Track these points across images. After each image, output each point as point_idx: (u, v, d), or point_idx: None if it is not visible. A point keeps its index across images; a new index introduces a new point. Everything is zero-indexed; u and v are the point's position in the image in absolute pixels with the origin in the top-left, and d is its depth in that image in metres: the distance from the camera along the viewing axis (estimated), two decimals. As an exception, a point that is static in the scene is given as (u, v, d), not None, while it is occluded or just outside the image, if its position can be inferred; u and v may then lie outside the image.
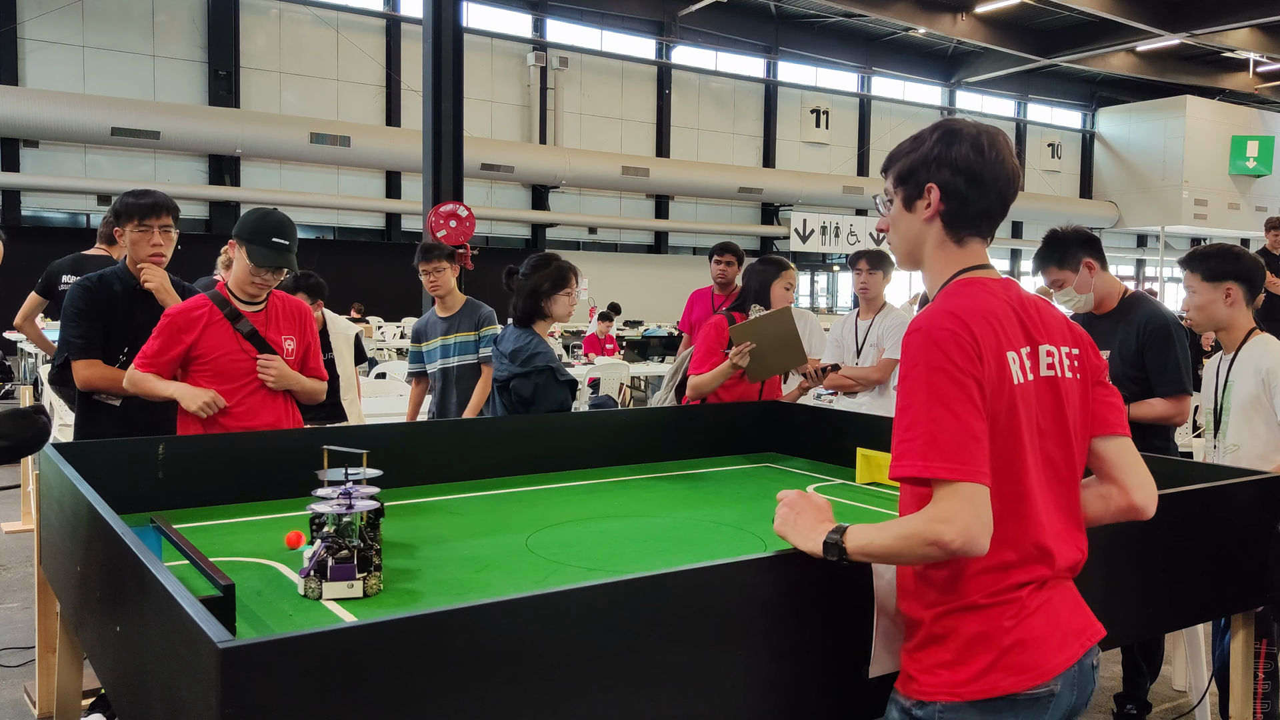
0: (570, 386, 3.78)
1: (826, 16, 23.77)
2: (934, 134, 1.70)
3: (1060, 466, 1.68)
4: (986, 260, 1.73)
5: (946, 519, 1.48)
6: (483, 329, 5.01)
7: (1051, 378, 1.67)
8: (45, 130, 15.96)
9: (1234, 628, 2.73)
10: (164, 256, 3.60)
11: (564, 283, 3.83)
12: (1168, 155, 28.90)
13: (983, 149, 1.67)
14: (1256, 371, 3.11)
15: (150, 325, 3.43)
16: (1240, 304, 3.20)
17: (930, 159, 1.68)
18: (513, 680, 1.47)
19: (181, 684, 1.45)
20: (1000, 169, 1.68)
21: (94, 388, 3.51)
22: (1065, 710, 1.64)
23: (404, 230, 20.15)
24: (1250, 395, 3.12)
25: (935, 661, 1.63)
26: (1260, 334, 3.20)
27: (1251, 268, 3.22)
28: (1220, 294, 3.19)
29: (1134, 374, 3.49)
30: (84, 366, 3.48)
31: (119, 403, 3.54)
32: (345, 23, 19.42)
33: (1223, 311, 3.20)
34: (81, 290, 3.55)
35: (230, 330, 3.34)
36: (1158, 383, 3.46)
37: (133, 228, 3.54)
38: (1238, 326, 3.21)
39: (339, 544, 2.12)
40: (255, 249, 3.32)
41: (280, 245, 3.35)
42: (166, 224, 3.58)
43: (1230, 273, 3.19)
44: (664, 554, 2.56)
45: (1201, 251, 3.28)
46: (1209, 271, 3.21)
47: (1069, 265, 3.56)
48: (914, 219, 1.73)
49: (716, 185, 23.06)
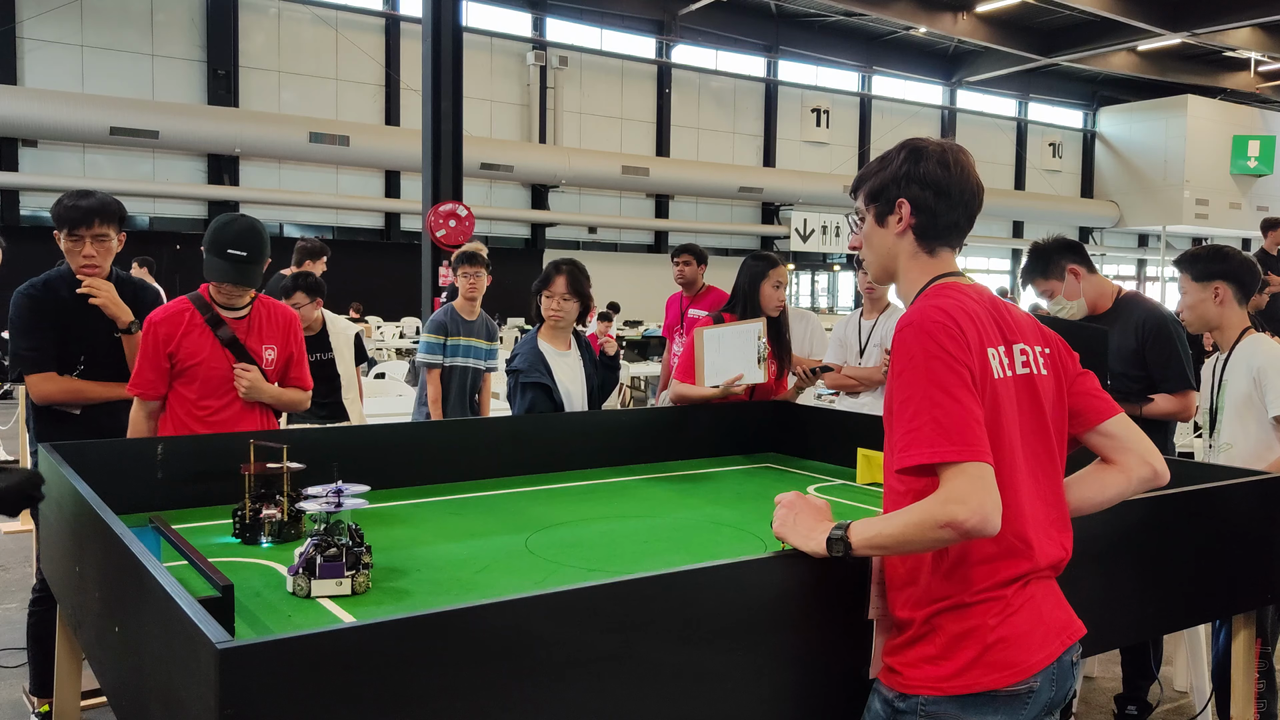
0: (544, 391, 3.78)
1: (827, 15, 23.76)
2: (900, 153, 1.80)
3: (1042, 460, 1.73)
4: (958, 269, 1.81)
5: (959, 499, 1.51)
6: (493, 342, 5.51)
7: (1028, 375, 1.73)
8: (44, 130, 15.95)
9: (1234, 628, 2.73)
10: (99, 268, 3.33)
11: (545, 283, 3.93)
12: (1169, 155, 28.90)
13: (948, 164, 1.76)
14: (1248, 370, 3.13)
15: (107, 327, 3.32)
16: (1230, 303, 3.21)
17: (899, 176, 1.78)
18: (512, 680, 1.47)
19: (180, 684, 1.45)
20: (965, 183, 1.77)
21: (53, 402, 3.31)
22: (1044, 705, 1.68)
23: (403, 230, 20.15)
24: (1243, 394, 3.13)
25: (919, 656, 1.67)
26: (1254, 333, 3.21)
27: (1240, 267, 3.23)
28: (1209, 294, 3.22)
29: (1135, 373, 3.49)
30: (41, 381, 3.27)
31: (79, 411, 3.35)
32: (344, 22, 19.42)
33: (1213, 310, 3.22)
34: (27, 300, 3.30)
35: (211, 336, 3.24)
36: (1161, 380, 3.47)
37: (64, 236, 3.29)
38: (1230, 326, 3.22)
39: (327, 542, 2.13)
40: (210, 260, 3.17)
41: (236, 258, 3.15)
42: (102, 233, 3.30)
43: (1218, 272, 3.21)
44: (664, 554, 2.56)
45: (1191, 253, 3.32)
46: (1198, 272, 3.25)
47: (1054, 274, 3.62)
48: (887, 234, 1.81)
49: (716, 185, 23.05)
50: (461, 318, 5.39)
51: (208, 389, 3.26)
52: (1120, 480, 1.85)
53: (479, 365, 5.41)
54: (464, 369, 5.35)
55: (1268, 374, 3.05)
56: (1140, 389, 3.49)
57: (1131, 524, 2.30)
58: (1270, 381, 3.04)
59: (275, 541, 2.57)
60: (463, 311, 5.40)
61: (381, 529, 2.68)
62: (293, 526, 2.60)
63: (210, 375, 3.25)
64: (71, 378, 3.32)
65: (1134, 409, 3.46)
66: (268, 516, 2.58)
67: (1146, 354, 3.48)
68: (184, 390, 3.24)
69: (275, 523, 2.58)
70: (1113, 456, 1.86)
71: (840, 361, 4.98)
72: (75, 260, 3.33)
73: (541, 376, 3.78)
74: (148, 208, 17.75)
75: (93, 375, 3.35)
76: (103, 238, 3.32)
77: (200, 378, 3.24)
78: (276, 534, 2.58)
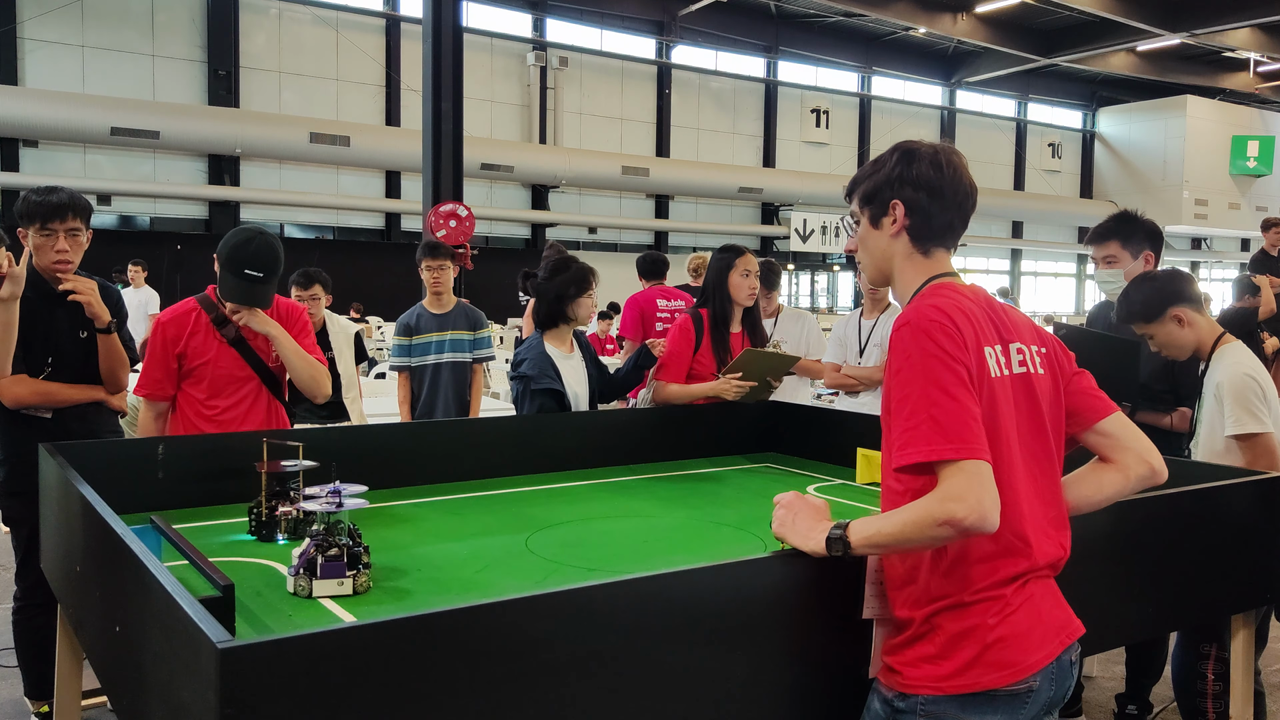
0: (554, 396, 3.72)
1: (826, 16, 23.76)
2: (893, 155, 1.81)
3: (1040, 459, 1.74)
4: (953, 269, 1.81)
5: (957, 496, 1.52)
6: (479, 330, 5.20)
7: (1025, 374, 1.73)
8: (44, 130, 15.94)
9: (1234, 628, 2.73)
10: (71, 264, 3.23)
11: (585, 285, 3.84)
12: (1168, 155, 28.89)
13: (941, 166, 1.77)
14: (1213, 384, 3.04)
15: (74, 328, 3.27)
16: (1195, 321, 3.09)
17: (893, 178, 1.79)
18: (513, 680, 1.47)
19: (181, 684, 1.45)
20: (958, 183, 1.78)
21: (26, 405, 3.24)
22: (1044, 705, 1.69)
23: (404, 230, 20.14)
24: (1211, 409, 3.05)
25: (919, 655, 1.67)
26: (1225, 344, 3.09)
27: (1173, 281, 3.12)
28: (1172, 324, 3.09)
29: (1160, 386, 3.44)
30: (12, 384, 3.18)
31: (50, 415, 3.29)
32: (345, 22, 19.41)
33: (1186, 335, 3.10)
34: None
35: (217, 336, 3.25)
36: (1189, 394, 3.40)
37: (35, 231, 3.18)
38: (1204, 341, 3.11)
39: (329, 542, 2.13)
40: (226, 278, 3.16)
41: (253, 278, 3.15)
42: (74, 227, 3.21)
43: (1164, 301, 3.09)
44: (664, 554, 2.56)
45: (1125, 309, 3.17)
46: (1148, 313, 3.12)
47: (1130, 247, 3.52)
48: (881, 235, 1.82)
49: (716, 185, 23.04)
50: (430, 313, 5.14)
51: (215, 388, 3.27)
52: (1118, 479, 1.85)
53: (463, 358, 5.11)
54: (449, 364, 5.07)
55: (1225, 391, 2.96)
56: (1169, 400, 3.45)
57: (1131, 524, 2.31)
58: (1227, 400, 2.95)
59: (291, 538, 2.57)
60: (432, 307, 5.16)
61: (381, 529, 2.69)
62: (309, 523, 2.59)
63: (217, 375, 3.26)
64: (43, 380, 3.25)
65: (1161, 419, 3.42)
66: (284, 514, 2.58)
67: (1175, 367, 3.39)
68: (192, 390, 3.26)
69: (291, 520, 2.58)
70: (1110, 455, 1.86)
71: (840, 361, 4.99)
72: (46, 256, 3.21)
73: (553, 382, 3.72)
74: (148, 208, 17.75)
75: (60, 377, 3.29)
76: (75, 232, 3.22)
77: (208, 377, 3.26)
78: (293, 531, 2.58)
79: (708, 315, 4.10)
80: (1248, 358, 3.05)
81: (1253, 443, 2.90)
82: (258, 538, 2.61)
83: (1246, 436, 2.90)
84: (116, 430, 3.53)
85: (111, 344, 3.29)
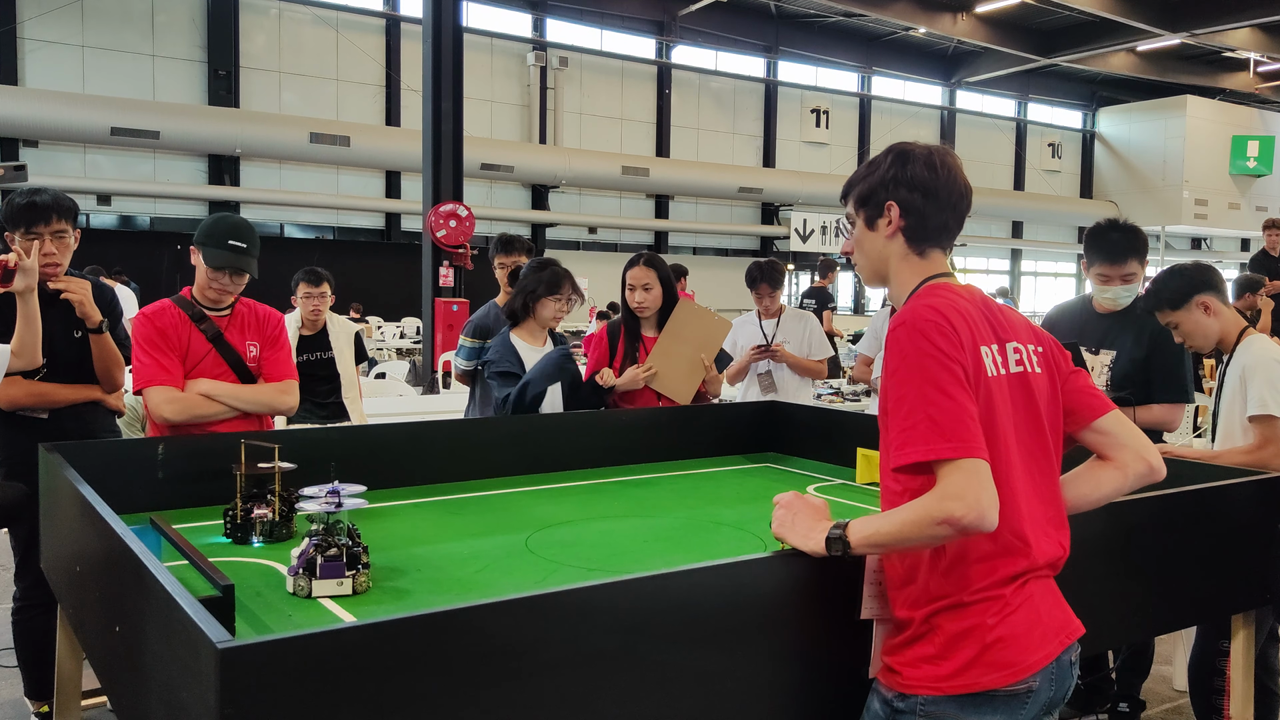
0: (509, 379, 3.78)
1: (826, 16, 23.76)
2: (888, 157, 1.81)
3: (1038, 458, 1.74)
4: (948, 269, 1.81)
5: (956, 495, 1.52)
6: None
7: (1022, 373, 1.73)
8: (45, 130, 15.95)
9: (1234, 628, 2.73)
10: (59, 265, 3.20)
11: (556, 288, 3.90)
12: (1168, 155, 28.88)
13: (935, 166, 1.77)
14: (1238, 368, 3.07)
15: (68, 328, 3.25)
16: (1220, 310, 3.12)
17: (887, 180, 1.79)
18: (512, 680, 1.47)
19: (181, 684, 1.45)
20: (953, 184, 1.78)
21: (20, 407, 3.23)
22: (1043, 705, 1.69)
23: (404, 230, 20.14)
24: (1233, 393, 3.08)
25: (918, 656, 1.67)
26: (1250, 334, 3.14)
27: (1202, 271, 3.15)
28: (1198, 311, 3.11)
29: (1139, 377, 3.47)
30: (6, 385, 3.14)
31: (46, 415, 3.28)
32: (345, 22, 19.41)
33: (1211, 324, 3.12)
34: None
35: (198, 335, 3.24)
36: (1161, 389, 3.45)
37: (20, 235, 3.14)
38: (1229, 331, 3.14)
39: (328, 542, 2.13)
40: (211, 250, 3.17)
41: (237, 248, 3.16)
42: (60, 229, 3.18)
43: (1191, 288, 3.11)
44: (664, 554, 2.56)
45: (1154, 291, 3.19)
46: (1174, 300, 3.13)
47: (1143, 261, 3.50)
48: (877, 237, 1.83)
49: (716, 185, 23.04)
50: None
51: None
52: (1116, 477, 1.85)
53: None
54: None
55: (1253, 373, 2.99)
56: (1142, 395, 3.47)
57: (1131, 523, 2.31)
58: (1253, 380, 2.98)
59: (267, 541, 2.57)
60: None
61: (381, 529, 2.68)
62: (284, 526, 2.59)
63: (201, 374, 3.25)
64: (37, 381, 3.24)
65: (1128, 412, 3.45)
66: (259, 516, 2.58)
67: (1151, 360, 3.44)
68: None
69: (266, 522, 2.58)
70: (1108, 453, 1.86)
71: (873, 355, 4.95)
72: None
73: (511, 366, 3.81)
74: (148, 208, 17.76)
75: (55, 377, 3.28)
76: (61, 234, 3.20)
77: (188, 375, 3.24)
78: (268, 534, 2.57)
79: (622, 326, 4.13)
80: (1275, 347, 3.09)
81: (1270, 425, 2.92)
82: (232, 540, 2.59)
83: (1266, 418, 2.92)
84: (113, 430, 3.52)
85: (104, 344, 3.28)
